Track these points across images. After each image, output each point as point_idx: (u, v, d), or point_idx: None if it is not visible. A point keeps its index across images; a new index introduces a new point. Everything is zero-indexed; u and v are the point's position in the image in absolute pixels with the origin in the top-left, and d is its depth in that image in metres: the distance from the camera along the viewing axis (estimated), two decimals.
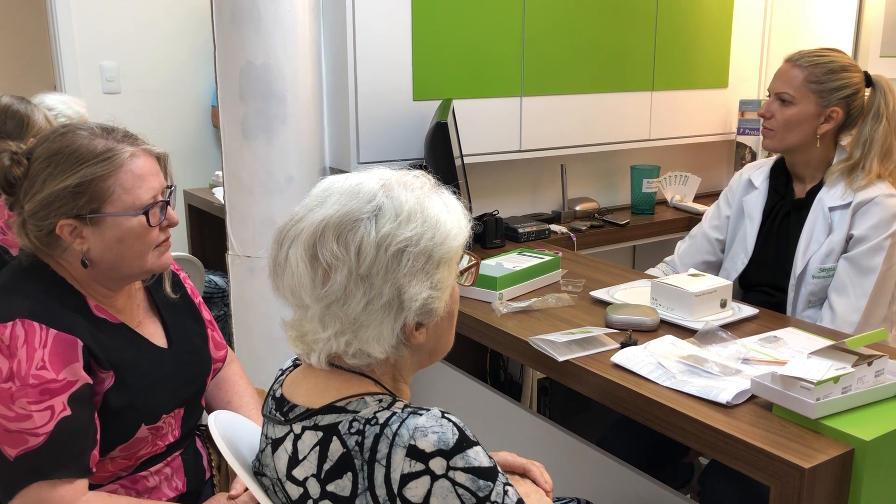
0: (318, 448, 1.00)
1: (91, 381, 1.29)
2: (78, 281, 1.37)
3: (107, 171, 1.30)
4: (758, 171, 2.18)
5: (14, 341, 1.24)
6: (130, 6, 3.83)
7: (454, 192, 1.10)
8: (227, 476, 1.57)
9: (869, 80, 2.02)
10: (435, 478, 0.94)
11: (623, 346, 1.63)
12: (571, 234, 2.75)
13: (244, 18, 2.20)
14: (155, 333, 1.47)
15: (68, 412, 1.24)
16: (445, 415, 0.98)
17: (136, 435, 1.37)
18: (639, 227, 2.98)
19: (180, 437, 1.48)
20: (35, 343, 1.25)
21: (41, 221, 1.31)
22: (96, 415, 1.30)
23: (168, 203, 1.39)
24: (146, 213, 1.34)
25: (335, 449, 0.99)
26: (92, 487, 1.31)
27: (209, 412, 1.59)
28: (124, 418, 1.35)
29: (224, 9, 2.23)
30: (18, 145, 1.35)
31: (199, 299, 1.61)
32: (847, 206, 1.96)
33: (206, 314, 1.62)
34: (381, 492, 0.95)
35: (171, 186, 1.42)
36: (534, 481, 1.28)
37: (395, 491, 0.94)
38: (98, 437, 1.30)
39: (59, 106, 2.55)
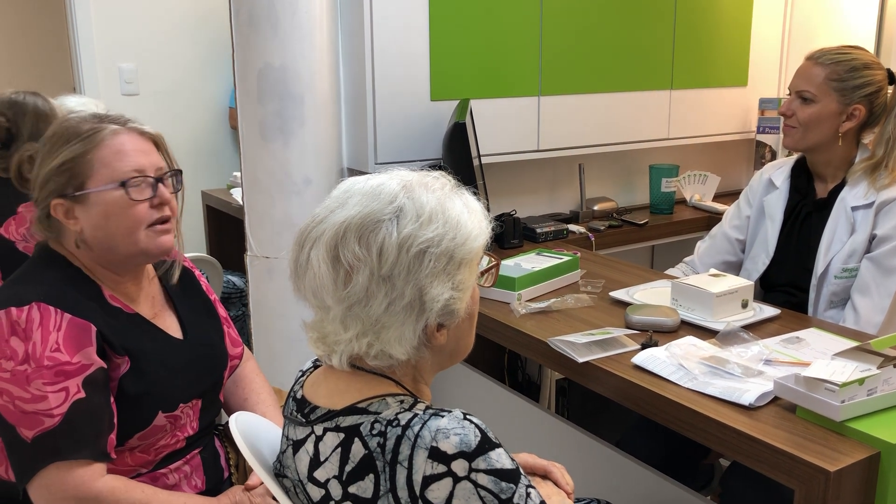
0: (339, 449, 1.00)
1: (105, 366, 1.31)
2: (92, 270, 1.38)
3: (87, 148, 1.33)
4: (778, 171, 2.16)
5: (30, 324, 1.26)
6: (149, 9, 3.85)
7: (474, 194, 1.09)
8: (245, 475, 1.57)
9: (892, 78, 1.99)
10: (457, 480, 0.93)
11: (644, 347, 1.62)
12: (590, 234, 2.73)
13: (262, 20, 2.21)
14: (171, 326, 1.49)
15: (83, 394, 1.26)
16: (467, 416, 0.98)
17: (154, 422, 1.37)
18: (658, 226, 2.96)
19: (198, 430, 1.49)
20: (50, 326, 1.27)
21: (40, 205, 1.36)
22: (112, 400, 1.32)
23: (160, 181, 1.38)
24: (124, 186, 1.33)
25: (357, 450, 0.99)
26: None
27: (226, 410, 1.61)
28: (141, 405, 1.36)
29: (242, 11, 2.24)
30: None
31: (214, 297, 1.63)
32: (870, 205, 1.94)
33: (222, 311, 1.63)
34: (403, 493, 0.95)
35: (172, 170, 1.43)
36: (555, 483, 1.28)
37: (418, 493, 0.94)
38: (115, 421, 1.31)
39: (78, 108, 2.56)
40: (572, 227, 2.75)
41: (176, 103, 3.98)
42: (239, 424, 1.23)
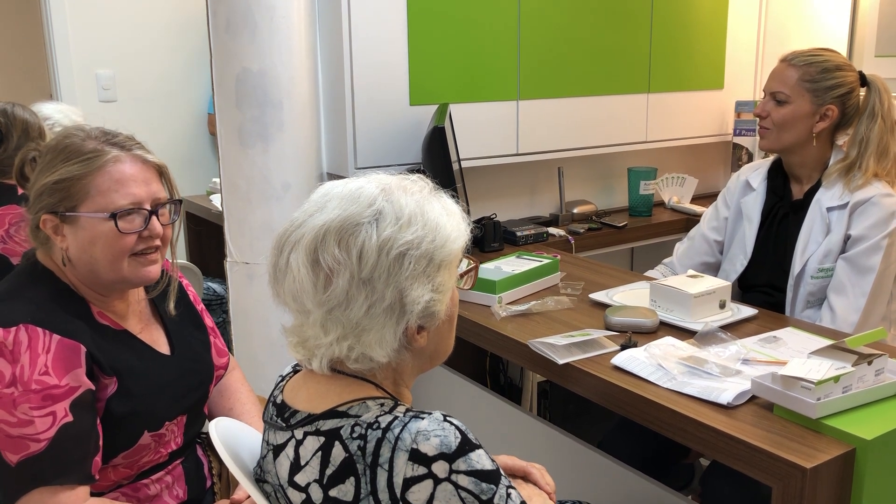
0: (320, 453, 1.00)
1: (93, 388, 1.29)
2: (78, 287, 1.37)
3: (85, 171, 1.31)
4: (755, 173, 2.18)
5: (17, 346, 1.24)
6: (126, 14, 3.83)
7: (452, 196, 1.10)
8: (228, 484, 1.56)
9: (864, 80, 2.02)
10: (438, 481, 0.94)
11: (623, 348, 1.63)
12: (569, 237, 2.75)
13: (240, 26, 2.21)
14: (157, 341, 1.47)
15: (70, 418, 1.24)
16: (447, 418, 0.98)
17: (139, 442, 1.36)
18: (637, 229, 2.98)
19: (182, 444, 1.47)
20: (38, 348, 1.25)
21: (32, 214, 1.34)
22: (98, 421, 1.30)
23: (153, 213, 1.35)
24: (115, 218, 1.31)
25: (337, 454, 0.98)
26: (93, 495, 1.30)
27: (210, 419, 1.59)
28: (127, 425, 1.34)
29: (219, 16, 2.23)
30: (39, 143, 1.40)
31: (201, 306, 1.61)
32: (844, 206, 1.96)
33: (209, 321, 1.62)
34: (383, 496, 0.95)
35: (172, 200, 1.40)
36: (535, 484, 1.28)
37: (398, 495, 0.94)
38: (100, 443, 1.30)
39: (55, 115, 2.55)
40: (552, 230, 2.76)
41: (154, 110, 3.96)
42: (219, 430, 1.22)
